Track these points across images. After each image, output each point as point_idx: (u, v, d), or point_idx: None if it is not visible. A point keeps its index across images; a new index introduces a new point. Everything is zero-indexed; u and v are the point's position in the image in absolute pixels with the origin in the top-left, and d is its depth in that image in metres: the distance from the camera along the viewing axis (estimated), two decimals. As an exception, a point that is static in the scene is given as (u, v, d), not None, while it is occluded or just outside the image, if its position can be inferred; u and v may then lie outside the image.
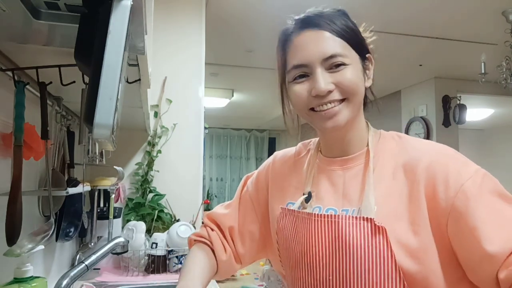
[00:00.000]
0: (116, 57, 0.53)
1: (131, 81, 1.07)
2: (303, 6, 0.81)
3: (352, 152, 0.80)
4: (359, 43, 0.78)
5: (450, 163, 0.71)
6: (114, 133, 0.52)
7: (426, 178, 0.70)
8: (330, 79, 0.74)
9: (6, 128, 0.96)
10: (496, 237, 0.64)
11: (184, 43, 2.48)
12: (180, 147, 2.40)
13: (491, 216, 0.66)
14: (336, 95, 0.74)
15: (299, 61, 0.76)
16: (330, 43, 0.74)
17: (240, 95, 5.71)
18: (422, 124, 4.87)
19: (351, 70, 0.75)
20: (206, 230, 0.97)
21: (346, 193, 0.78)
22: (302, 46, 0.76)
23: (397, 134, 0.82)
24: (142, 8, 0.63)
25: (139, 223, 1.97)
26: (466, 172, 0.69)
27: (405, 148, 0.77)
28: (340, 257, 0.72)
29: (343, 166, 0.80)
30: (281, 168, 0.94)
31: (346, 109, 0.76)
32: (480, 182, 0.68)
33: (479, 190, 0.67)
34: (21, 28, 0.74)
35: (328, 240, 0.74)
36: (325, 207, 0.78)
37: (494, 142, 7.41)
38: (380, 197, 0.73)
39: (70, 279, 1.13)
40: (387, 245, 0.68)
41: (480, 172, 0.70)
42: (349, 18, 0.81)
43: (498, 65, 3.06)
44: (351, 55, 0.76)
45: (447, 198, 0.68)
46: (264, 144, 9.36)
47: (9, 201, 0.87)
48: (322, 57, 0.74)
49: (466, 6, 2.85)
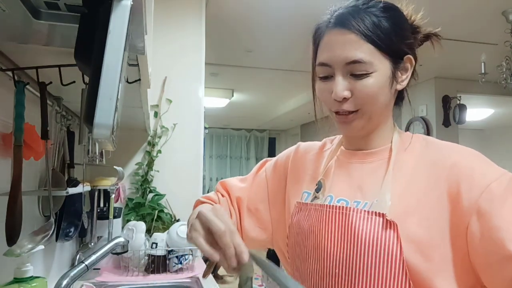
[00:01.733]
0: (116, 57, 0.53)
1: (131, 81, 1.07)
2: (303, 6, 0.80)
3: (374, 147, 0.80)
4: (394, 46, 0.73)
5: (476, 163, 0.70)
6: (114, 133, 0.52)
7: (449, 176, 0.69)
8: (350, 85, 0.72)
9: (6, 128, 0.96)
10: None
11: (184, 43, 2.48)
12: (180, 147, 2.40)
13: None
14: (350, 106, 0.74)
15: (324, 60, 0.74)
16: (355, 47, 0.71)
17: (240, 95, 5.71)
18: (422, 124, 4.87)
19: (374, 79, 0.71)
20: (217, 195, 0.96)
21: (361, 186, 0.77)
22: (329, 46, 0.74)
23: (423, 137, 0.80)
24: (142, 8, 0.63)
25: (139, 223, 1.97)
26: (493, 173, 0.68)
27: (430, 148, 0.76)
28: (349, 249, 0.71)
29: (363, 160, 0.80)
30: (303, 157, 0.92)
31: (359, 119, 0.75)
32: (507, 184, 0.66)
33: (505, 192, 0.65)
34: (21, 28, 0.74)
35: (338, 232, 0.73)
36: (337, 197, 0.78)
37: (494, 142, 7.41)
38: (396, 194, 0.72)
39: (70, 279, 1.13)
40: (397, 241, 0.67)
41: (508, 175, 0.68)
42: (394, 12, 0.74)
43: (498, 65, 3.06)
44: (379, 61, 0.72)
45: (471, 197, 0.66)
46: (264, 144, 9.36)
47: (9, 201, 0.87)
48: (344, 61, 0.71)
49: (466, 6, 2.85)
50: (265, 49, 3.77)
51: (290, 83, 4.96)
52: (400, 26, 0.74)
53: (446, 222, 0.68)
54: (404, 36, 0.75)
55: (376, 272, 0.68)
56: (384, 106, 0.76)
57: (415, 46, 0.79)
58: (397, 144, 0.78)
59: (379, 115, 0.77)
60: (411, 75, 0.79)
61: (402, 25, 0.75)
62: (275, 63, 4.12)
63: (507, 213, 0.64)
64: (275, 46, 3.37)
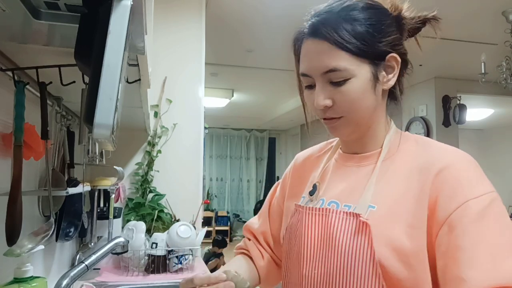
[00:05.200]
0: (116, 57, 0.53)
1: (131, 81, 1.07)
2: (303, 6, 0.80)
3: (368, 150, 0.79)
4: (371, 49, 0.71)
5: (464, 174, 0.68)
6: (114, 133, 0.52)
7: (434, 183, 0.68)
8: (330, 93, 0.72)
9: (6, 128, 0.96)
10: (479, 265, 0.59)
11: (184, 43, 2.48)
12: (180, 147, 2.40)
13: (483, 243, 0.61)
14: (333, 113, 0.74)
15: (303, 70, 0.75)
16: (330, 56, 0.70)
17: (240, 95, 5.71)
18: (422, 124, 4.87)
19: (352, 84, 0.71)
20: (244, 241, 1.01)
21: (354, 189, 0.76)
22: (306, 56, 0.74)
23: (421, 138, 0.79)
24: (142, 8, 0.63)
25: (139, 223, 1.97)
26: (476, 190, 0.65)
27: (425, 151, 0.74)
28: (325, 251, 0.72)
29: (359, 163, 0.79)
30: (302, 166, 0.93)
31: (345, 125, 0.75)
32: (485, 205, 0.63)
33: (481, 212, 0.62)
34: (21, 28, 0.74)
35: (317, 233, 0.74)
36: (328, 200, 0.78)
37: (494, 142, 7.42)
38: (384, 197, 0.71)
39: (70, 279, 1.13)
40: (369, 242, 0.67)
41: (490, 196, 0.65)
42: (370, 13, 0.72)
43: (498, 65, 3.06)
44: (356, 67, 0.70)
45: (447, 209, 0.65)
46: (264, 144, 9.36)
47: (9, 201, 0.87)
48: (321, 70, 0.71)
49: (466, 6, 2.85)
50: (265, 49, 3.77)
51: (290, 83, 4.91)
52: (378, 26, 0.72)
53: (426, 229, 0.66)
54: (384, 35, 0.72)
55: (350, 273, 0.68)
56: (370, 109, 0.75)
57: (401, 40, 0.76)
58: (388, 147, 0.77)
59: (367, 118, 0.75)
60: (404, 69, 0.77)
61: (380, 25, 0.72)
62: (275, 63, 4.12)
63: (474, 235, 0.61)
64: (275, 46, 3.36)
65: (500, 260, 0.59)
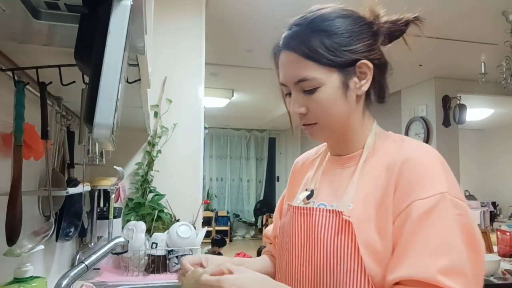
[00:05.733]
0: (116, 57, 0.53)
1: (131, 81, 1.07)
2: (303, 6, 0.80)
3: (351, 152, 0.82)
4: (338, 58, 0.74)
5: (421, 172, 0.69)
6: (114, 133, 0.52)
7: (397, 176, 0.70)
8: (304, 101, 0.77)
9: (6, 128, 0.95)
10: (405, 260, 0.64)
11: (184, 43, 2.48)
12: (180, 147, 2.40)
13: (415, 242, 0.64)
14: (308, 119, 0.78)
15: (281, 80, 0.80)
16: (299, 67, 0.75)
17: (240, 95, 5.71)
18: (422, 124, 4.87)
19: (322, 92, 0.74)
20: (267, 244, 1.08)
21: (338, 190, 0.79)
22: (281, 67, 0.79)
23: (400, 137, 0.81)
24: (142, 8, 0.63)
25: (139, 223, 1.97)
26: (427, 190, 0.67)
27: (398, 148, 0.77)
28: (311, 248, 0.75)
29: (343, 165, 0.82)
30: (300, 168, 0.98)
31: (321, 130, 0.79)
32: (430, 206, 0.65)
33: (423, 215, 0.65)
34: (21, 28, 0.74)
35: (303, 232, 0.78)
36: (318, 202, 0.81)
37: (494, 142, 7.41)
38: (359, 197, 0.74)
39: (70, 279, 1.13)
40: (353, 239, 0.69)
41: (437, 198, 0.66)
42: (338, 24, 0.75)
43: (498, 65, 3.06)
44: (325, 75, 0.74)
45: (397, 206, 0.68)
46: (264, 144, 9.36)
47: (9, 201, 0.87)
48: (293, 80, 0.76)
49: (466, 6, 2.85)
50: (265, 49, 3.74)
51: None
52: (346, 36, 0.75)
53: (391, 225, 0.69)
54: (352, 44, 0.75)
55: (336, 270, 0.70)
56: (343, 115, 0.77)
57: (374, 45, 0.78)
58: (370, 148, 0.79)
59: (342, 123, 0.78)
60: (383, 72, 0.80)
61: (348, 34, 0.75)
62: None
63: (409, 235, 0.65)
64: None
65: (423, 258, 0.63)
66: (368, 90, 0.79)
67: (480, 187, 7.01)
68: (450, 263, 0.62)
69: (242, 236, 9.06)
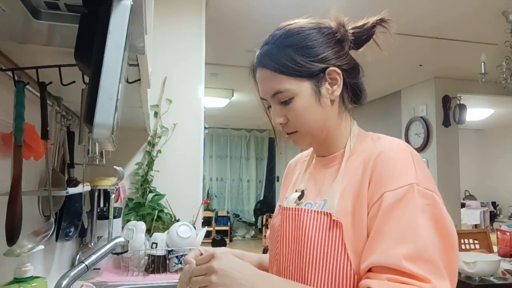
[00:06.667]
0: (116, 57, 0.53)
1: (131, 81, 1.07)
2: (303, 6, 0.81)
3: (333, 152, 0.86)
4: (305, 69, 0.79)
5: (391, 164, 0.73)
6: (114, 133, 0.52)
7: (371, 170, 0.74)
8: (283, 112, 0.82)
9: (6, 128, 0.95)
10: (374, 249, 0.67)
11: (184, 43, 2.48)
12: (180, 147, 2.40)
13: (383, 232, 0.68)
14: (289, 128, 0.84)
15: (260, 95, 0.87)
16: (272, 81, 0.81)
17: (240, 95, 5.71)
18: (422, 124, 4.87)
19: (297, 102, 0.80)
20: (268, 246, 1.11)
21: (322, 189, 0.84)
22: (259, 83, 0.85)
23: (378, 135, 0.84)
24: (142, 8, 0.63)
25: (139, 223, 1.97)
26: (396, 182, 0.70)
27: (373, 146, 0.80)
28: (299, 248, 0.78)
29: (327, 165, 0.87)
30: (292, 171, 1.03)
31: (302, 137, 0.84)
32: (398, 197, 0.68)
33: (392, 205, 0.68)
34: (21, 28, 0.74)
35: (291, 232, 0.82)
36: (305, 202, 0.85)
37: (494, 142, 7.42)
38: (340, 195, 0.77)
39: (70, 279, 1.13)
40: (342, 240, 0.72)
41: (406, 189, 0.69)
42: (302, 37, 0.80)
43: (498, 65, 3.06)
44: (296, 86, 0.79)
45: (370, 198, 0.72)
46: (264, 144, 9.36)
47: (9, 201, 0.87)
48: (269, 94, 0.82)
49: (466, 6, 2.86)
50: (265, 49, 3.76)
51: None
52: (310, 47, 0.80)
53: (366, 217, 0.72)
54: (318, 53, 0.80)
55: (324, 269, 0.73)
56: (320, 120, 0.82)
57: (341, 52, 0.82)
58: (351, 147, 0.83)
59: (321, 128, 0.83)
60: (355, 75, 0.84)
61: (312, 45, 0.80)
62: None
63: (380, 225, 0.68)
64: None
65: (390, 245, 0.66)
66: (342, 94, 0.83)
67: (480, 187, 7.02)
68: (414, 250, 0.64)
69: (242, 236, 9.07)
